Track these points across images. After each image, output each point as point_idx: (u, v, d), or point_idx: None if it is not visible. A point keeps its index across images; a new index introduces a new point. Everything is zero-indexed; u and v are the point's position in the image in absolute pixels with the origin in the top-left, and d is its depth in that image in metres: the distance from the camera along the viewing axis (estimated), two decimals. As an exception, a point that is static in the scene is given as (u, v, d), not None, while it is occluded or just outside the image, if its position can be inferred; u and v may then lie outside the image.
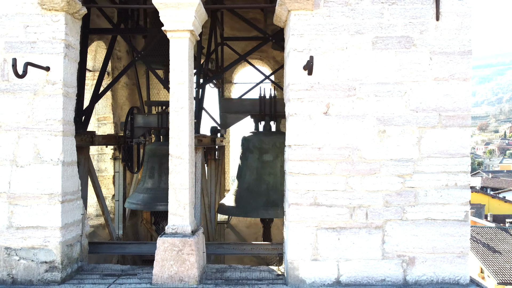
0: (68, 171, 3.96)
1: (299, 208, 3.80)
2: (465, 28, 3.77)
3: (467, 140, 3.79)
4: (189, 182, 3.94)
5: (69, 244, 4.01)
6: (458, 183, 3.79)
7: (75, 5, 3.86)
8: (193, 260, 3.80)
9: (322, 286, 3.77)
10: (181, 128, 3.91)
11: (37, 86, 3.80)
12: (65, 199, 3.90)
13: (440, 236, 3.79)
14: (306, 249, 3.80)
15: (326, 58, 3.78)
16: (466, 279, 3.79)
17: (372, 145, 3.78)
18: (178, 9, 3.79)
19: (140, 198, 6.02)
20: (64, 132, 3.86)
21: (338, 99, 3.78)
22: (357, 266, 3.79)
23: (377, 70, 3.77)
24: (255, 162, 5.69)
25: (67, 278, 3.93)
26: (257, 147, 5.71)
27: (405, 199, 3.79)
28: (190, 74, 4.01)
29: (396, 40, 3.77)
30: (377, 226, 3.79)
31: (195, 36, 4.06)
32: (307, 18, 3.77)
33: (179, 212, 3.92)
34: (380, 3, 3.77)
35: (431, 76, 3.77)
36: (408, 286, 3.78)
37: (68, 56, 3.91)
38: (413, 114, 3.78)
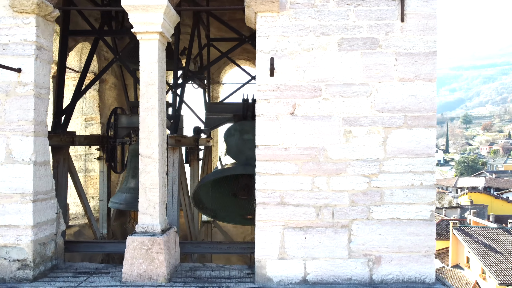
0: (41, 171, 4.03)
1: (266, 207, 3.85)
2: (430, 30, 3.81)
3: (432, 140, 3.82)
4: (159, 182, 3.99)
5: (42, 243, 4.08)
6: (423, 183, 3.82)
7: (46, 7, 3.93)
8: (162, 258, 3.86)
9: (289, 285, 3.82)
10: (151, 129, 3.97)
11: (9, 87, 3.87)
12: (37, 199, 3.97)
13: (406, 236, 3.83)
14: (273, 248, 3.85)
15: (292, 59, 3.82)
16: (432, 278, 3.83)
17: (338, 146, 3.82)
18: (147, 11, 3.85)
19: (123, 198, 6.08)
20: (36, 133, 3.93)
21: (304, 100, 3.83)
22: (323, 265, 3.83)
23: (343, 71, 3.82)
24: (236, 141, 5.59)
25: (40, 276, 4.00)
26: (237, 129, 5.62)
27: (371, 199, 3.83)
28: (161, 75, 4.07)
29: (362, 41, 3.81)
30: (343, 226, 3.83)
31: (165, 38, 4.11)
32: (273, 20, 3.82)
33: (149, 211, 3.98)
34: (346, 4, 3.81)
35: (396, 77, 3.81)
36: (375, 285, 3.81)
37: (40, 58, 3.98)
38: (379, 115, 3.82)
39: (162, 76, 4.13)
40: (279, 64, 3.82)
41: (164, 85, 4.20)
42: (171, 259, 4.07)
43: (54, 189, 4.29)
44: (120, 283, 3.86)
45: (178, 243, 4.43)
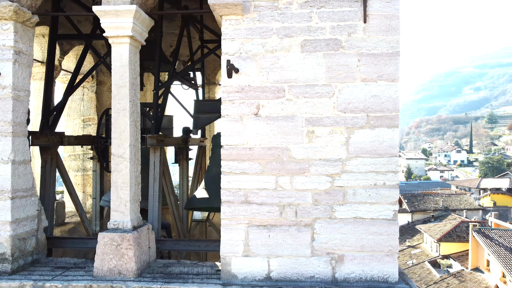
0: (20, 170, 4.23)
1: (231, 205, 3.94)
2: (393, 30, 3.83)
3: (395, 140, 3.84)
4: (130, 181, 4.14)
5: (22, 238, 4.29)
6: (386, 182, 3.85)
7: (24, 14, 4.13)
8: (131, 254, 4.00)
9: (253, 281, 3.91)
10: (122, 129, 4.12)
11: (-11, 90, 4.09)
12: (16, 196, 4.17)
13: (368, 235, 3.86)
14: (238, 246, 3.94)
15: (256, 61, 3.91)
16: (395, 277, 3.85)
17: (301, 145, 3.89)
18: (117, 16, 4.00)
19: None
20: (14, 133, 4.14)
21: (268, 100, 3.91)
22: (287, 262, 3.90)
23: (306, 72, 3.88)
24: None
25: (19, 270, 4.21)
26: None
27: (334, 198, 3.88)
28: (133, 77, 4.22)
29: (325, 42, 3.86)
30: (306, 224, 3.89)
31: (138, 42, 4.26)
32: (238, 22, 3.91)
33: (121, 209, 4.14)
34: (309, 7, 3.87)
35: (359, 78, 3.85)
36: (337, 283, 3.86)
37: (19, 62, 4.18)
38: (341, 115, 3.86)
39: (135, 78, 4.28)
40: (244, 66, 3.91)
41: (138, 87, 4.34)
42: (142, 255, 4.21)
43: (34, 187, 4.49)
44: (92, 278, 4.02)
45: (153, 240, 4.57)
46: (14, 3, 4.01)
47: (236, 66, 3.90)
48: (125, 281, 3.92)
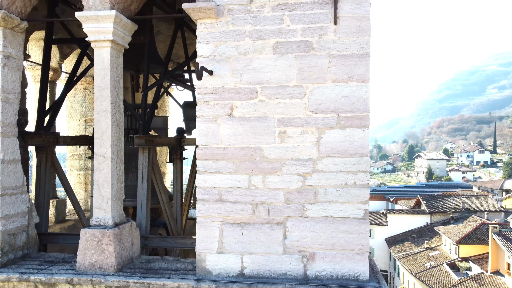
0: (9, 168, 4.46)
1: (206, 204, 4.06)
2: (363, 31, 3.88)
3: (366, 140, 3.88)
4: (112, 179, 4.31)
5: (12, 233, 4.51)
6: (357, 182, 3.89)
7: (12, 20, 4.35)
8: (111, 249, 4.17)
9: (227, 277, 4.02)
10: (104, 130, 4.29)
11: (-21, 93, 4.32)
12: (5, 193, 4.39)
13: (339, 233, 3.92)
14: (213, 243, 4.06)
15: (230, 63, 4.01)
16: (365, 275, 3.89)
17: (274, 145, 3.97)
18: (98, 22, 4.17)
19: (109, 194, 6.48)
20: (3, 134, 4.36)
21: (241, 101, 4.01)
22: (260, 259, 4.00)
23: (278, 74, 3.96)
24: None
25: (8, 263, 4.43)
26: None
27: (305, 197, 3.95)
28: (116, 80, 4.38)
29: (296, 44, 3.94)
30: (278, 222, 3.98)
31: (120, 45, 4.43)
32: (212, 26, 4.03)
33: (102, 206, 4.31)
34: (281, 9, 3.95)
35: (330, 79, 3.91)
36: (309, 280, 3.93)
37: (8, 66, 4.40)
38: (313, 115, 3.93)
39: (118, 80, 4.44)
40: (218, 68, 4.02)
41: (120, 89, 4.51)
42: (124, 251, 4.38)
43: (25, 185, 4.71)
44: (74, 272, 4.21)
45: (137, 236, 4.73)
46: (2, 10, 4.23)
47: (211, 69, 4.02)
48: (105, 276, 4.08)
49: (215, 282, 3.92)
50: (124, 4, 4.42)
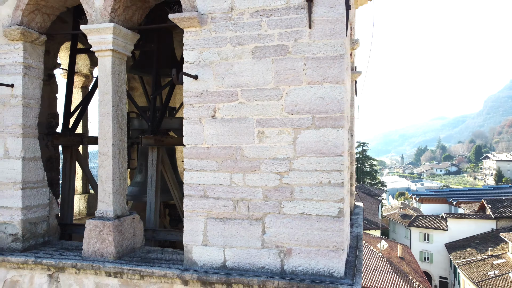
0: (30, 165, 5.07)
1: (192, 199, 4.37)
2: (337, 34, 3.97)
3: (340, 140, 3.97)
4: (113, 175, 4.76)
5: (33, 222, 5.12)
6: (331, 181, 3.99)
7: (31, 35, 4.94)
8: (111, 239, 4.61)
9: (210, 269, 4.29)
10: (106, 131, 4.75)
11: (5, 99, 4.97)
12: (26, 187, 5.00)
13: (314, 231, 4.04)
14: (198, 236, 4.35)
15: (213, 68, 4.28)
16: (340, 272, 3.98)
17: (253, 145, 4.19)
18: (100, 33, 4.63)
19: (130, 191, 7.03)
20: (24, 134, 4.97)
21: (223, 104, 4.26)
22: (240, 253, 4.23)
23: (256, 77, 4.17)
24: None
25: (29, 248, 5.04)
26: None
27: (282, 195, 4.12)
28: (117, 85, 4.83)
29: (273, 49, 4.12)
30: (257, 218, 4.18)
31: (121, 54, 4.86)
32: (197, 34, 4.32)
33: (105, 200, 4.77)
34: (259, 16, 4.15)
35: (305, 81, 4.05)
36: (285, 275, 4.09)
37: (28, 75, 5.01)
38: (289, 116, 4.09)
39: (120, 86, 4.89)
40: (202, 72, 4.31)
41: (123, 94, 4.94)
42: (124, 241, 4.81)
43: (45, 180, 5.31)
44: (80, 258, 4.70)
45: (140, 228, 5.15)
46: (21, 26, 4.83)
47: (196, 73, 4.32)
48: (104, 262, 4.53)
49: (198, 272, 4.21)
50: (125, 16, 4.85)
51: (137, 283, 4.46)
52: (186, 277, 4.21)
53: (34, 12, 5.00)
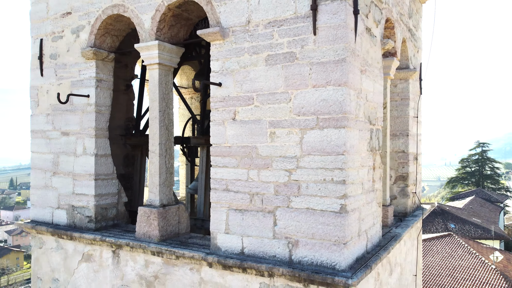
0: (101, 160, 6.18)
1: (216, 192, 4.95)
2: (339, 39, 4.19)
3: (341, 140, 4.18)
4: (160, 170, 5.58)
5: (104, 207, 6.24)
6: (334, 178, 4.23)
7: (102, 54, 6.04)
8: (156, 224, 5.44)
9: (231, 254, 4.83)
10: (154, 132, 5.60)
11: (84, 107, 6.15)
12: (98, 178, 6.12)
13: (318, 225, 4.31)
14: (221, 224, 4.92)
15: (234, 76, 4.81)
16: (341, 265, 4.19)
17: (266, 144, 4.61)
18: (148, 50, 5.50)
19: (193, 185, 7.93)
20: (97, 135, 6.09)
21: (242, 107, 4.76)
22: (255, 242, 4.68)
23: (269, 82, 4.58)
24: None
25: (101, 229, 6.15)
26: None
27: (290, 190, 4.47)
28: (164, 93, 5.64)
29: (283, 56, 4.50)
30: (269, 211, 4.60)
31: (168, 66, 5.66)
32: (221, 46, 4.90)
33: (153, 190, 5.62)
34: (271, 26, 4.57)
35: (310, 84, 4.34)
36: (292, 264, 4.44)
37: (100, 87, 6.13)
38: (296, 118, 4.42)
39: (167, 94, 5.70)
40: (225, 80, 4.87)
41: (170, 100, 5.75)
42: (169, 227, 5.60)
43: (114, 173, 6.39)
44: (133, 238, 5.62)
45: (185, 217, 5.91)
46: (94, 47, 5.95)
47: (220, 81, 4.90)
48: (149, 243, 5.37)
49: (219, 256, 4.78)
50: (171, 34, 5.65)
51: (174, 262, 5.20)
52: (209, 259, 4.81)
53: (104, 35, 6.10)
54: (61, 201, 6.43)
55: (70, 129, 6.31)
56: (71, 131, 6.30)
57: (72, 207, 6.30)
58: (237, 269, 4.66)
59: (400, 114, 7.54)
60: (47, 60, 6.57)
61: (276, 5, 4.53)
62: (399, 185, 7.51)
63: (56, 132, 6.49)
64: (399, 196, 7.52)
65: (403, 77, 7.46)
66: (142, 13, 5.53)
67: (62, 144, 6.42)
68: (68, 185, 6.33)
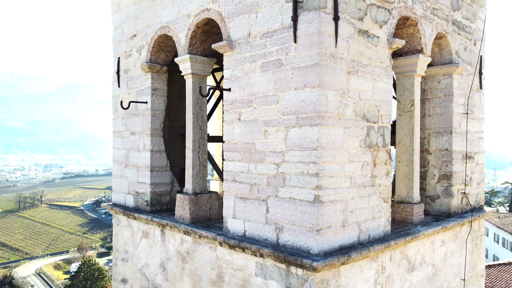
0: (156, 155, 7.47)
1: (227, 182, 5.76)
2: (313, 45, 4.64)
3: (315, 136, 4.62)
4: (193, 163, 6.61)
5: (158, 194, 7.53)
6: (309, 171, 4.69)
7: (155, 67, 7.33)
8: (187, 208, 6.48)
9: (236, 236, 5.59)
10: (189, 131, 6.65)
11: (144, 111, 7.53)
12: (154, 169, 7.43)
13: (298, 213, 4.81)
14: (230, 210, 5.71)
15: (239, 82, 5.57)
16: (314, 250, 4.63)
17: (261, 141, 5.26)
18: (183, 62, 6.57)
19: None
20: (152, 135, 7.40)
21: (244, 109, 5.49)
22: (253, 226, 5.37)
23: (263, 87, 5.23)
24: None
25: (155, 212, 7.45)
26: None
27: (278, 181, 5.05)
28: (197, 98, 6.66)
29: (273, 63, 5.10)
30: (263, 199, 5.23)
31: (200, 75, 6.66)
32: (230, 56, 5.69)
33: (188, 180, 6.67)
34: (265, 37, 5.20)
35: (292, 87, 4.87)
36: (279, 247, 5.01)
37: (155, 94, 7.43)
38: (282, 117, 4.99)
39: (201, 98, 6.70)
40: (233, 86, 5.65)
41: (203, 104, 6.74)
42: (200, 212, 6.59)
43: (168, 166, 7.64)
44: (172, 220, 6.75)
45: (217, 204, 6.83)
46: (149, 62, 7.27)
47: (229, 87, 5.70)
48: (181, 224, 6.43)
49: (225, 237, 5.57)
50: (203, 47, 6.64)
51: (199, 241, 6.17)
52: (218, 239, 5.64)
53: (158, 52, 7.39)
54: (130, 188, 7.94)
55: (135, 130, 7.77)
56: (136, 131, 7.75)
57: (136, 193, 7.74)
58: (239, 249, 5.40)
59: (443, 111, 7.30)
60: (122, 75, 8.16)
61: (269, 18, 5.15)
62: (443, 184, 7.28)
63: (127, 132, 8.03)
64: (442, 195, 7.29)
65: (446, 72, 7.22)
66: (179, 32, 6.63)
67: (131, 142, 7.92)
68: (134, 175, 7.80)
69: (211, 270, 5.95)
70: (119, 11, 8.23)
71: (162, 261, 6.98)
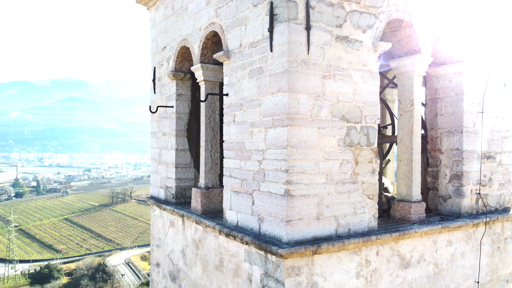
0: (181, 154, 8.38)
1: (226, 177, 6.42)
2: (284, 54, 5.13)
3: (285, 136, 5.10)
4: (205, 161, 7.37)
5: (183, 188, 8.43)
6: (281, 168, 5.18)
7: (179, 75, 8.24)
8: (199, 201, 7.27)
9: (232, 225, 6.23)
10: (202, 132, 7.43)
11: (171, 114, 8.48)
12: (178, 166, 8.35)
13: (273, 205, 5.32)
14: (227, 203, 6.37)
15: (234, 87, 6.21)
16: (284, 239, 5.11)
17: (248, 140, 5.85)
18: (197, 71, 7.36)
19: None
20: (177, 135, 8.32)
21: (237, 112, 6.12)
22: (243, 217, 5.97)
23: (250, 92, 5.81)
24: None
25: (180, 204, 8.35)
26: None
27: (260, 177, 5.60)
28: (209, 101, 7.41)
29: (256, 70, 5.66)
30: (250, 193, 5.82)
31: (212, 82, 7.39)
32: (228, 64, 6.36)
33: (202, 176, 7.46)
34: (252, 47, 5.78)
35: (270, 92, 5.40)
36: (260, 236, 5.56)
37: (180, 99, 8.34)
38: (263, 119, 5.53)
39: (213, 102, 7.45)
40: (229, 91, 6.30)
41: (215, 107, 7.47)
42: (211, 204, 7.34)
43: (191, 163, 8.50)
44: (188, 210, 7.58)
45: (228, 198, 7.51)
46: (173, 71, 8.20)
47: (227, 92, 6.36)
48: (193, 214, 7.23)
49: (222, 226, 6.25)
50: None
51: (206, 230, 6.92)
52: (217, 228, 6.34)
53: (182, 61, 8.29)
54: (162, 182, 8.97)
55: (165, 131, 8.77)
56: (166, 132, 8.74)
57: (166, 187, 8.74)
58: (231, 237, 6.04)
59: (454, 110, 7.21)
60: (157, 82, 9.23)
61: (254, 30, 5.72)
62: (454, 184, 7.20)
63: (160, 133, 9.07)
64: (453, 195, 7.21)
65: (457, 70, 7.13)
66: (194, 43, 7.45)
67: (162, 142, 8.94)
68: (165, 171, 8.80)
69: (215, 256, 6.66)
70: (154, 26, 9.32)
71: (183, 248, 7.86)
